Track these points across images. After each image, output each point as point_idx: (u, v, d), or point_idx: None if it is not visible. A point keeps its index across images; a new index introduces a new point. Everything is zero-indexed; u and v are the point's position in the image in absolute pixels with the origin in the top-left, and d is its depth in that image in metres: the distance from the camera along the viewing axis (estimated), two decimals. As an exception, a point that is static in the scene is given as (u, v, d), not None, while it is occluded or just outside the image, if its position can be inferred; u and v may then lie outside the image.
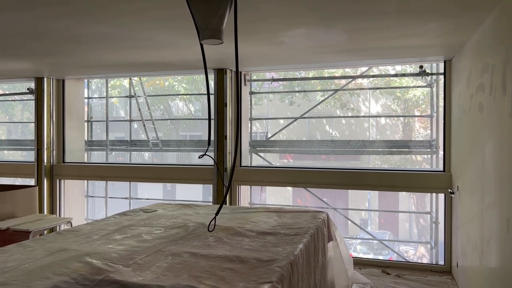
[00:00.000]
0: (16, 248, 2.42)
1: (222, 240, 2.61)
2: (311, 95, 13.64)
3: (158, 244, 2.51)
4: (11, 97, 11.73)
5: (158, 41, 3.93)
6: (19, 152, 15.10)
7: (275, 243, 2.55)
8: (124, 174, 6.11)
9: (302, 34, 3.69)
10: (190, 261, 2.18)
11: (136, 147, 6.73)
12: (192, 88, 15.03)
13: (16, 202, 4.14)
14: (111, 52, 4.43)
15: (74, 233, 2.78)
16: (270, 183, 5.70)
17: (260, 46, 4.13)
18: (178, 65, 5.17)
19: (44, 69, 5.50)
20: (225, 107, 5.29)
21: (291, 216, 3.35)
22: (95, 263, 2.08)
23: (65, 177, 6.22)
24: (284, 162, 15.33)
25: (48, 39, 3.89)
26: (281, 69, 5.69)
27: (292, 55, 4.58)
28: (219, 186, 5.32)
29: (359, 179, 5.04)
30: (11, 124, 17.76)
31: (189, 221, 3.12)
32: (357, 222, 13.55)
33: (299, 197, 16.76)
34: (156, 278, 1.90)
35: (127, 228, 2.93)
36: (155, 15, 3.13)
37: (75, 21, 3.30)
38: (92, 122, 7.10)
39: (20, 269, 2.02)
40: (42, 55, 4.62)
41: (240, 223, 3.05)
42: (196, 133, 18.08)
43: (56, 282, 1.83)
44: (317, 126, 15.98)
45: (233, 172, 2.74)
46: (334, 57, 4.68)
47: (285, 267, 2.07)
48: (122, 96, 8.43)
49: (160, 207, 3.82)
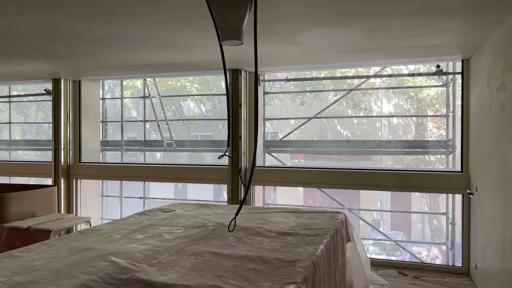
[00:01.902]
0: (41, 247, 2.46)
1: (242, 240, 2.62)
2: (322, 95, 13.59)
3: (180, 243, 2.53)
4: (25, 98, 11.92)
5: (174, 42, 3.95)
6: (33, 152, 15.32)
7: (295, 243, 2.55)
8: (139, 174, 6.16)
9: (319, 34, 3.69)
10: (213, 261, 2.19)
11: (151, 147, 6.79)
12: (204, 89, 15.09)
13: (36, 202, 4.21)
14: (127, 53, 4.48)
15: (96, 233, 2.81)
16: (283, 183, 5.70)
17: (276, 47, 4.13)
18: (192, 66, 5.20)
19: (61, 70, 5.58)
20: (240, 108, 5.31)
21: (309, 217, 3.35)
22: (120, 262, 2.10)
23: (82, 177, 6.29)
24: (295, 162, 15.31)
25: (66, 41, 3.94)
26: (295, 69, 5.69)
27: (307, 55, 4.58)
28: (234, 186, 5.33)
29: (372, 180, 5.01)
30: (25, 124, 18.02)
31: (208, 221, 3.14)
32: (369, 222, 13.47)
33: (310, 197, 16.72)
34: (181, 277, 1.92)
35: (148, 227, 2.96)
36: (172, 16, 3.15)
37: (93, 23, 3.34)
38: (106, 122, 7.18)
39: (48, 267, 2.05)
40: (59, 56, 4.69)
41: (258, 224, 3.06)
42: (207, 133, 18.15)
43: (84, 281, 1.85)
44: (328, 126, 15.92)
45: (253, 172, 2.75)
46: (349, 56, 4.67)
47: (308, 267, 2.08)
48: (137, 96, 8.51)
49: (178, 207, 3.84)
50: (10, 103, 7.85)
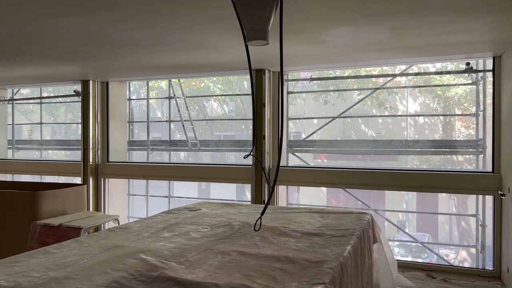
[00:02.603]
0: (72, 244, 2.54)
1: (268, 240, 2.62)
2: (346, 94, 13.44)
3: (207, 242, 2.56)
4: (55, 99, 12.30)
5: (199, 43, 4.00)
6: (63, 152, 15.79)
7: (322, 244, 2.53)
8: (164, 173, 6.26)
9: (345, 33, 3.66)
10: (240, 260, 2.21)
11: (176, 147, 6.88)
12: (227, 89, 15.18)
13: (66, 200, 4.34)
14: (153, 55, 4.56)
15: (125, 230, 2.88)
16: (307, 183, 5.67)
17: (300, 46, 4.12)
18: (216, 66, 5.25)
19: (90, 72, 5.73)
20: (264, 108, 5.32)
21: (334, 217, 3.32)
22: (149, 260, 2.14)
23: (109, 176, 6.45)
24: (318, 162, 15.19)
25: (94, 44, 4.05)
26: (319, 68, 5.65)
27: (332, 54, 4.54)
28: (258, 186, 5.34)
29: (399, 180, 4.93)
30: (55, 125, 18.60)
31: (234, 220, 3.16)
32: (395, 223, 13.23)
33: (334, 198, 16.56)
34: (209, 276, 1.94)
35: (175, 226, 3.00)
36: (197, 17, 3.19)
37: (121, 26, 3.42)
38: (133, 123, 7.33)
39: (80, 264, 2.11)
40: (88, 58, 4.82)
41: (284, 223, 3.05)
42: (230, 133, 18.25)
43: (116, 278, 1.90)
44: (352, 126, 15.73)
45: (278, 172, 2.75)
46: (374, 55, 4.60)
47: (335, 268, 2.06)
48: (162, 97, 8.65)
49: (203, 206, 3.89)
50: (41, 104, 8.12)
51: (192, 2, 2.84)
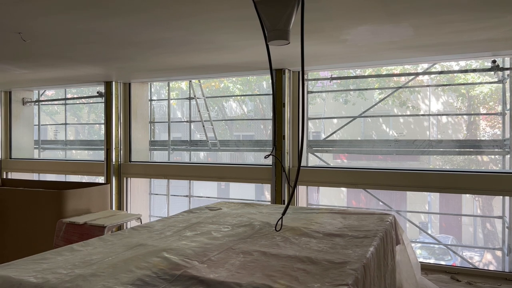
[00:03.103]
0: (97, 242, 2.59)
1: (289, 240, 2.62)
2: (367, 93, 13.29)
3: (228, 241, 2.57)
4: (79, 100, 12.58)
5: (219, 43, 4.02)
6: (86, 152, 16.15)
7: (344, 245, 2.51)
8: (185, 173, 6.32)
9: (367, 31, 3.61)
10: (261, 260, 2.21)
11: (196, 146, 6.94)
12: (246, 89, 15.22)
13: (90, 199, 4.44)
14: (174, 56, 4.61)
15: (148, 229, 2.92)
16: (327, 183, 5.63)
17: (321, 45, 4.09)
18: (237, 67, 5.27)
19: (113, 73, 5.84)
20: (283, 107, 5.31)
21: (356, 218, 3.29)
22: (172, 258, 2.17)
23: (132, 175, 6.56)
24: (338, 162, 15.07)
25: (119, 46, 4.13)
26: (339, 67, 5.60)
27: (352, 53, 4.50)
28: (278, 186, 5.34)
29: (421, 181, 4.83)
30: (78, 125, 19.04)
31: (255, 220, 3.16)
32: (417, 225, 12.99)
33: (354, 198, 16.39)
34: (232, 275, 1.95)
35: (196, 225, 3.03)
36: (218, 17, 3.21)
37: (146, 29, 3.47)
38: (154, 123, 7.43)
39: (105, 261, 2.15)
40: (112, 61, 4.91)
41: (305, 224, 3.04)
42: (249, 133, 18.29)
43: (140, 276, 1.93)
44: (373, 125, 15.53)
45: (299, 172, 2.74)
46: (396, 53, 4.53)
47: (358, 270, 2.04)
48: (182, 98, 8.74)
49: (224, 206, 3.91)
50: (66, 105, 8.32)
51: (213, 2, 2.86)
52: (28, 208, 4.30)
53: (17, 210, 4.37)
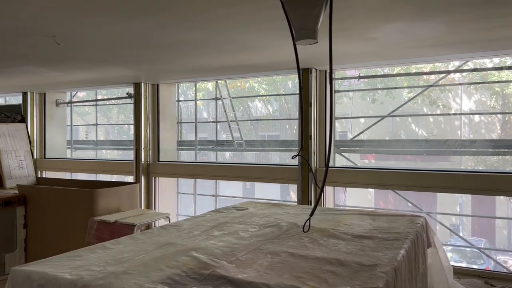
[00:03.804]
0: (128, 240, 2.65)
1: (317, 241, 2.59)
2: (395, 92, 13.02)
3: (255, 242, 2.57)
4: (108, 101, 12.91)
5: (246, 44, 4.04)
6: (115, 151, 16.56)
7: (373, 247, 2.47)
8: (212, 173, 6.38)
9: (396, 29, 3.54)
10: (289, 261, 2.20)
11: (223, 146, 6.99)
12: (271, 89, 15.21)
13: (121, 198, 4.55)
14: (201, 57, 4.66)
15: (176, 228, 2.96)
16: (355, 184, 5.54)
17: (348, 44, 4.04)
18: (263, 67, 5.27)
19: (142, 75, 5.96)
20: (310, 107, 5.27)
21: (386, 220, 3.22)
22: (201, 258, 2.19)
23: (160, 175, 6.68)
24: (366, 163, 14.82)
25: (148, 48, 4.20)
26: (367, 66, 5.51)
27: (381, 51, 4.42)
28: (304, 186, 5.30)
29: (453, 182, 4.68)
30: (108, 125, 19.55)
31: (282, 221, 3.15)
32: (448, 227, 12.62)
33: (382, 199, 16.08)
34: (260, 276, 1.95)
35: (224, 225, 3.05)
36: (247, 18, 3.22)
37: (174, 30, 3.52)
38: (181, 123, 7.54)
39: (136, 260, 2.20)
40: (141, 62, 5.01)
41: (333, 225, 3.01)
42: (274, 133, 18.26)
43: (170, 275, 1.96)
44: (401, 125, 15.20)
45: (327, 172, 2.71)
46: (426, 51, 4.42)
47: (389, 273, 2.00)
48: (209, 98, 8.83)
49: (250, 206, 3.91)
50: (96, 106, 8.56)
51: (241, 3, 2.87)
52: (62, 206, 4.45)
53: (51, 208, 4.53)
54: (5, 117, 5.55)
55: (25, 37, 3.76)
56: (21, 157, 5.49)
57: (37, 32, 3.58)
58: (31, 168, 5.59)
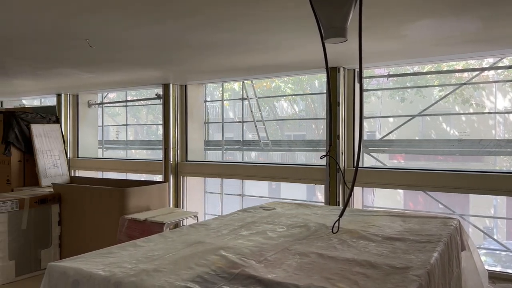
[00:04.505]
0: (158, 238, 2.69)
1: (346, 243, 2.56)
2: (425, 91, 12.68)
3: (284, 242, 2.56)
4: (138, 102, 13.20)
5: (273, 43, 4.03)
6: (144, 151, 16.89)
7: (405, 249, 2.41)
8: (238, 172, 6.40)
9: (427, 26, 3.44)
10: (319, 262, 2.18)
11: (249, 146, 7.02)
12: (298, 89, 15.14)
13: (150, 196, 4.64)
14: (228, 57, 4.69)
15: (205, 227, 2.99)
16: (384, 185, 5.43)
17: (378, 42, 3.96)
18: (290, 66, 5.25)
19: (170, 76, 6.06)
20: (338, 106, 5.21)
21: (417, 222, 3.14)
22: (230, 257, 2.20)
23: (187, 174, 6.77)
24: (395, 163, 14.51)
25: (177, 49, 4.27)
26: (396, 64, 5.40)
27: (411, 49, 4.32)
28: (332, 186, 5.24)
29: (488, 183, 4.51)
30: (137, 126, 19.99)
31: (310, 221, 3.13)
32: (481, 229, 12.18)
33: (411, 200, 15.70)
34: (289, 276, 1.94)
35: (252, 224, 3.05)
36: (275, 17, 3.21)
37: (203, 31, 3.56)
38: (208, 123, 7.61)
39: (166, 258, 2.23)
40: (170, 64, 5.09)
41: (362, 227, 2.96)
42: (300, 133, 18.15)
43: (199, 273, 1.98)
44: (432, 124, 14.79)
45: (357, 173, 2.67)
46: (459, 48, 4.28)
47: (422, 276, 1.94)
48: (235, 98, 8.88)
49: (278, 206, 3.91)
50: (127, 107, 8.77)
51: (268, 2, 2.87)
52: (94, 204, 4.58)
53: (84, 205, 4.67)
54: (41, 118, 5.77)
55: (60, 40, 3.90)
56: (55, 157, 5.69)
57: (71, 35, 3.71)
58: (65, 167, 5.79)
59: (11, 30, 3.56)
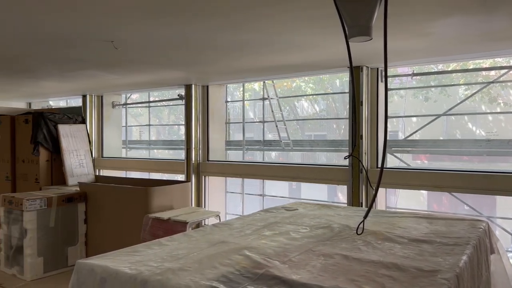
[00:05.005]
0: (182, 237, 2.72)
1: (371, 244, 2.52)
2: (450, 90, 12.38)
3: (307, 243, 2.54)
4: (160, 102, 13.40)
5: (295, 43, 4.02)
6: (166, 151, 17.11)
7: (432, 252, 2.35)
8: (259, 172, 6.41)
9: (454, 23, 3.36)
10: (343, 263, 2.15)
11: (270, 146, 7.01)
12: (319, 88, 15.03)
13: (173, 196, 4.69)
14: (250, 58, 4.70)
15: (228, 227, 3.00)
16: (408, 186, 5.33)
17: (403, 40, 3.90)
18: (311, 66, 5.22)
19: (193, 76, 6.12)
20: (361, 106, 5.14)
21: (444, 224, 3.07)
22: (254, 257, 2.20)
23: (209, 174, 6.82)
24: (418, 163, 14.22)
25: (198, 50, 4.30)
26: (420, 63, 5.29)
27: (436, 47, 4.23)
28: (355, 187, 5.18)
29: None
30: (159, 126, 20.26)
31: (333, 222, 3.10)
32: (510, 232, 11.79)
33: (435, 202, 15.36)
34: (314, 278, 1.92)
35: (274, 225, 3.05)
36: (296, 17, 3.20)
37: (223, 31, 3.58)
38: (229, 123, 7.65)
39: (191, 257, 2.25)
40: (192, 64, 5.14)
41: (387, 228, 2.91)
42: (321, 133, 18.01)
43: (224, 273, 1.98)
44: (457, 124, 14.43)
45: (381, 173, 2.63)
46: (487, 46, 4.17)
47: (451, 280, 1.90)
48: (256, 98, 8.89)
49: (300, 206, 3.88)
50: (149, 108, 8.90)
51: (294, 3, 2.86)
52: (119, 203, 4.67)
53: (109, 204, 4.77)
54: (68, 119, 5.92)
55: (87, 43, 3.99)
56: (81, 156, 5.83)
57: (97, 37, 3.79)
58: (90, 167, 5.92)
59: (40, 34, 3.66)
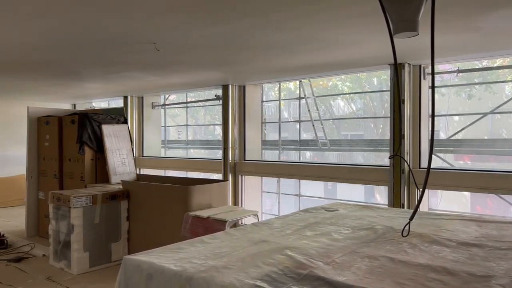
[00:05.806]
0: (224, 236, 2.74)
1: (418, 247, 2.44)
2: (495, 87, 11.80)
3: (350, 244, 2.50)
4: (197, 103, 13.64)
5: (332, 41, 3.96)
6: (202, 151, 17.39)
7: (484, 256, 2.24)
8: (295, 172, 6.37)
9: (505, 17, 3.19)
10: (389, 266, 2.09)
11: (307, 146, 6.96)
12: (356, 87, 14.75)
13: (211, 194, 4.75)
14: (286, 57, 4.68)
15: (268, 226, 3.00)
16: (453, 187, 5.12)
17: (449, 35, 3.74)
18: (349, 64, 5.13)
19: (230, 77, 6.17)
20: (403, 104, 5.00)
21: (495, 227, 2.92)
22: (296, 257, 2.19)
23: (245, 173, 6.86)
24: (461, 164, 13.65)
25: (235, 49, 4.33)
26: (466, 59, 5.06)
27: (484, 42, 4.03)
28: (396, 188, 5.04)
29: None
30: (196, 126, 20.62)
31: (376, 224, 3.03)
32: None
33: (479, 204, 14.69)
34: (360, 280, 1.88)
35: (315, 225, 3.01)
36: (334, 15, 3.15)
37: (260, 31, 3.58)
38: (265, 123, 7.65)
39: (234, 255, 2.26)
40: (229, 64, 5.18)
41: (434, 231, 2.80)
42: (358, 132, 17.65)
43: (267, 272, 1.98)
44: (503, 123, 13.72)
45: (428, 174, 2.53)
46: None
47: (507, 285, 1.80)
48: (292, 98, 8.85)
49: (340, 207, 3.82)
50: (187, 108, 9.07)
51: (328, 1, 2.82)
52: (160, 201, 4.78)
53: (150, 202, 4.90)
54: (111, 119, 6.13)
55: (129, 45, 4.11)
56: (124, 155, 6.02)
57: (139, 39, 3.89)
58: (132, 166, 6.10)
59: (85, 36, 3.81)
